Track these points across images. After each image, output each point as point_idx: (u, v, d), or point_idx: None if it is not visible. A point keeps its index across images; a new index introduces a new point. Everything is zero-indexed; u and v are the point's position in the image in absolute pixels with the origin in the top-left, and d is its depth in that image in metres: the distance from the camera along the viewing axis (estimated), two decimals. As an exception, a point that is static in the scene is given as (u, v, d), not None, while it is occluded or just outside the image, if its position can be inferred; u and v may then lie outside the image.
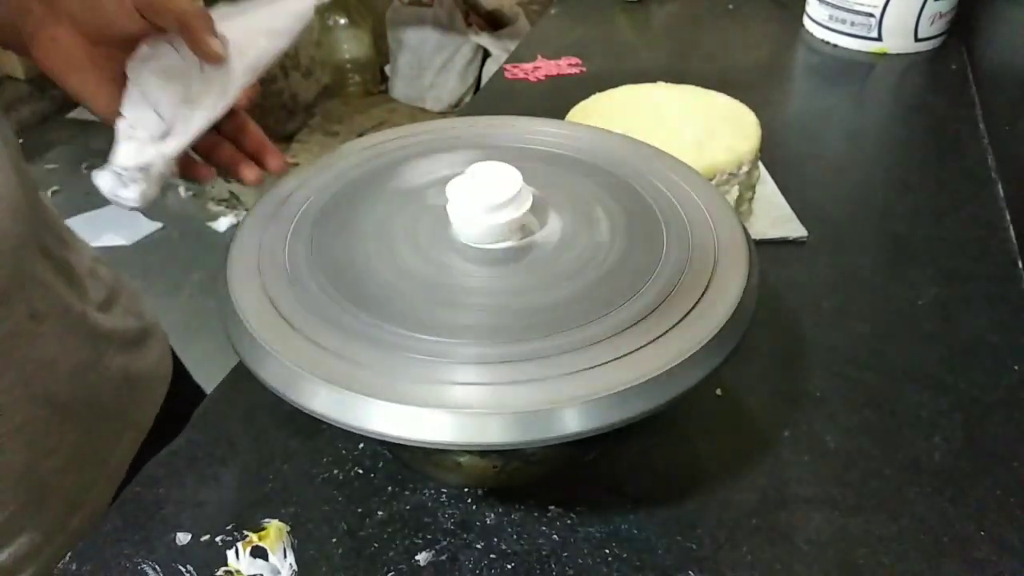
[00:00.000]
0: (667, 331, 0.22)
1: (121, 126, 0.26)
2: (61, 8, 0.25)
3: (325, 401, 0.21)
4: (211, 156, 0.29)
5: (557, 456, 0.27)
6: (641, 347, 0.21)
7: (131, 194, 0.25)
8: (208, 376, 0.39)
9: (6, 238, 0.26)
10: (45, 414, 0.29)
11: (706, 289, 0.24)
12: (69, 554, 0.26)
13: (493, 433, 0.20)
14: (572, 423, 0.20)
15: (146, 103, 0.26)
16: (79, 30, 0.25)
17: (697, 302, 0.23)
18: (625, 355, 0.21)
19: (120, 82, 0.26)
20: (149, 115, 0.25)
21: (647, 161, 0.31)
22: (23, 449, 0.28)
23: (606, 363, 0.21)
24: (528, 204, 0.26)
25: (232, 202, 1.37)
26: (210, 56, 0.25)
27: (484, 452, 0.25)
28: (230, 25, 0.26)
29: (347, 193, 0.29)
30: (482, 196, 0.25)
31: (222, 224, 1.33)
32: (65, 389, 0.30)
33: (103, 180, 0.25)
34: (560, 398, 0.20)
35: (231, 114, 0.28)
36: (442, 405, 0.20)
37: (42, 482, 0.29)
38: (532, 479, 0.27)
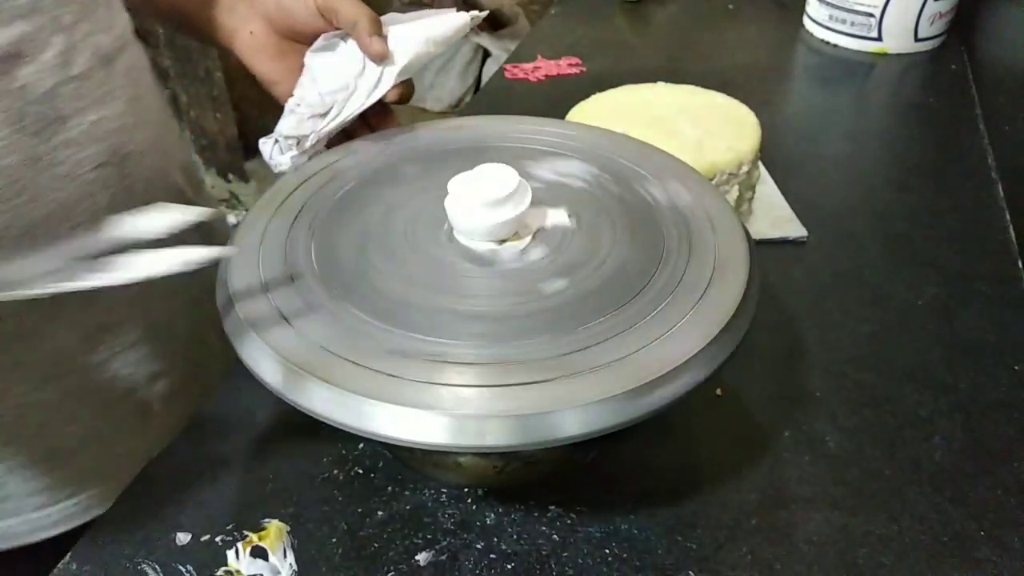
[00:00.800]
0: (667, 332, 0.22)
1: (289, 102, 0.31)
2: (259, 7, 0.32)
3: (324, 401, 0.21)
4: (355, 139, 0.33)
5: (557, 457, 0.27)
6: (641, 348, 0.21)
7: (284, 160, 0.30)
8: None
9: (139, 167, 0.30)
10: (158, 340, 0.32)
11: (706, 290, 0.24)
12: (69, 554, 0.26)
13: (493, 435, 0.20)
14: (572, 426, 0.20)
15: (313, 86, 0.31)
16: (271, 26, 0.32)
17: (697, 303, 0.23)
18: (625, 356, 0.21)
19: (299, 71, 0.32)
20: (313, 95, 0.31)
21: (647, 161, 0.31)
22: (131, 366, 0.31)
23: (606, 364, 0.21)
24: (527, 203, 0.26)
25: (232, 202, 1.37)
26: (373, 54, 0.31)
27: (484, 453, 0.25)
28: (395, 29, 0.31)
29: (347, 193, 0.29)
30: (481, 196, 0.25)
31: (222, 224, 1.33)
32: (177, 321, 0.33)
33: (265, 146, 0.30)
34: (560, 400, 0.20)
35: (380, 105, 0.32)
36: (442, 407, 0.20)
37: (147, 407, 0.33)
38: (532, 479, 0.27)
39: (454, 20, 0.31)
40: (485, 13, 0.36)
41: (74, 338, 0.29)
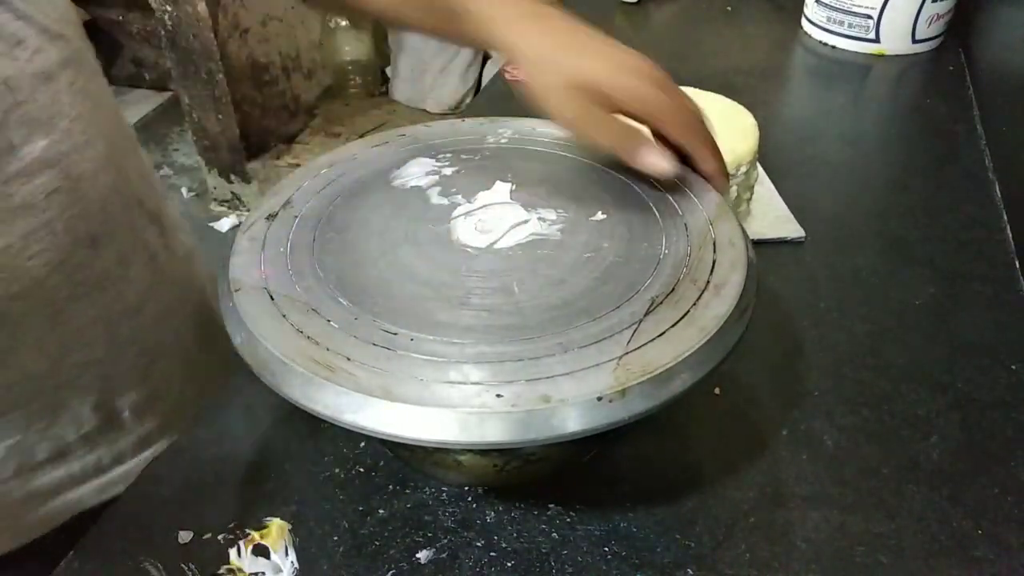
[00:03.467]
0: (665, 331, 0.22)
1: None
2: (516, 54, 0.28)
3: (326, 400, 0.21)
4: None
5: (557, 455, 0.27)
6: (640, 347, 0.22)
7: None
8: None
9: (94, 186, 0.29)
10: (130, 355, 0.31)
11: (704, 289, 0.24)
12: (72, 552, 0.26)
13: (493, 432, 0.20)
14: (572, 422, 0.20)
15: None
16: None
17: (695, 302, 0.23)
18: (624, 355, 0.21)
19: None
20: None
21: None
22: (97, 383, 0.30)
23: (605, 363, 0.21)
24: (524, 203, 0.26)
25: (234, 203, 1.37)
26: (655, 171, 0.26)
27: (484, 451, 0.25)
28: None
29: (348, 193, 0.29)
30: (480, 197, 0.25)
31: (224, 224, 1.33)
32: (150, 333, 0.32)
33: None
34: (560, 398, 0.20)
35: None
36: (442, 404, 0.20)
37: (117, 417, 0.31)
38: (532, 477, 0.28)
39: None
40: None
41: (42, 360, 0.28)
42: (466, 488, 0.28)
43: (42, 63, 0.26)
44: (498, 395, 0.20)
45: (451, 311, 0.24)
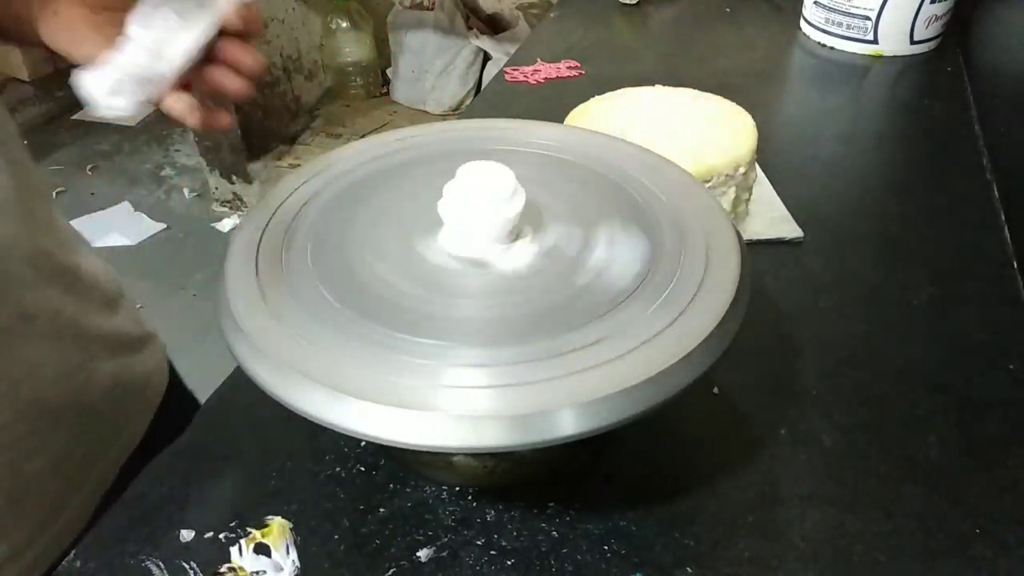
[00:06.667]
0: (658, 333, 0.22)
1: (130, 40, 0.25)
2: None
3: (319, 403, 0.21)
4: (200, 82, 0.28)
5: (548, 459, 0.27)
6: (633, 349, 0.22)
7: (120, 103, 0.24)
8: (211, 374, 0.39)
9: None
10: (31, 416, 0.29)
11: (698, 291, 0.24)
12: (73, 552, 0.26)
13: (486, 436, 0.20)
14: (565, 426, 0.20)
15: (149, 27, 0.25)
16: (80, 1, 0.26)
17: (689, 304, 0.23)
18: (617, 357, 0.21)
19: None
20: (152, 33, 0.25)
21: (641, 164, 0.31)
22: (5, 449, 0.28)
23: (598, 366, 0.21)
24: (521, 204, 0.26)
25: (235, 203, 1.38)
26: None
27: (477, 453, 0.25)
28: None
29: (345, 195, 0.30)
30: (477, 199, 0.25)
31: (226, 225, 1.33)
32: (52, 393, 0.30)
33: (95, 81, 0.24)
34: (553, 401, 0.20)
35: (226, 38, 0.26)
36: (436, 408, 0.20)
37: (24, 484, 0.29)
38: (524, 480, 0.28)
39: None
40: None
41: None
42: (467, 487, 0.28)
43: None
44: (491, 399, 0.20)
45: (445, 314, 0.24)
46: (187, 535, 0.26)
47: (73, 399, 0.31)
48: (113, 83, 0.24)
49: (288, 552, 0.26)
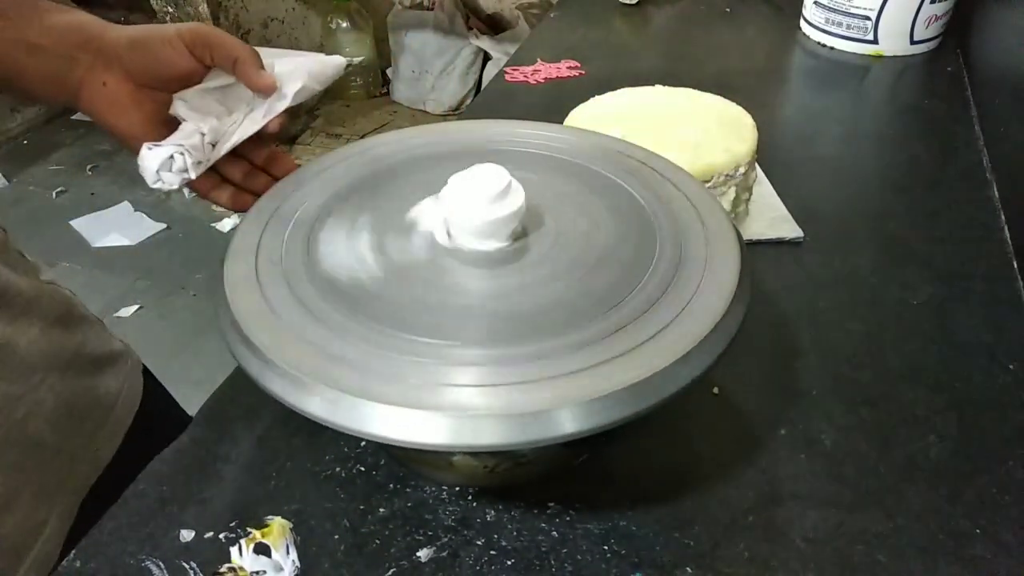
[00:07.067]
0: (657, 333, 0.22)
1: (187, 125, 0.28)
2: (111, 53, 0.27)
3: (319, 403, 0.21)
4: (230, 173, 0.31)
5: (547, 457, 0.27)
6: (632, 349, 0.22)
7: (173, 178, 0.27)
8: (211, 374, 0.39)
9: None
10: None
11: (697, 290, 0.24)
12: (73, 551, 0.26)
13: (486, 436, 0.20)
14: (564, 425, 0.20)
15: (204, 121, 0.28)
16: (127, 74, 0.27)
17: (688, 303, 0.23)
18: (616, 357, 0.21)
19: (162, 123, 0.28)
20: (206, 123, 0.28)
21: (641, 164, 0.31)
22: None
23: (598, 365, 0.21)
24: (521, 204, 0.26)
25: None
26: (262, 87, 0.28)
27: (476, 452, 0.25)
28: (276, 63, 0.30)
29: (345, 195, 0.30)
30: (477, 197, 0.25)
31: (226, 225, 1.33)
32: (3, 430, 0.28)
33: (153, 156, 0.27)
34: (553, 401, 0.20)
35: (260, 140, 0.30)
36: (435, 407, 0.20)
37: None
38: (523, 479, 0.28)
39: (330, 61, 0.31)
40: (360, 59, 0.36)
41: None
42: (467, 487, 0.28)
43: None
44: (490, 398, 0.20)
45: (445, 314, 0.24)
46: (187, 535, 0.26)
47: (15, 434, 0.29)
48: (165, 162, 0.27)
49: (288, 552, 0.26)
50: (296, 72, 0.30)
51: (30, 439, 0.30)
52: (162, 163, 0.27)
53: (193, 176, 0.27)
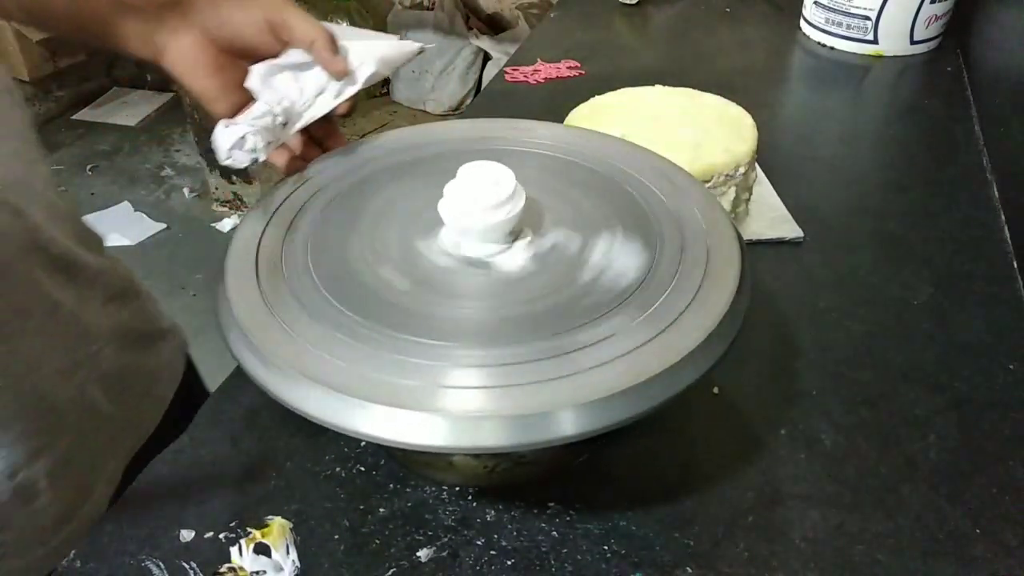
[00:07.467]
0: (659, 334, 0.22)
1: (259, 104, 0.29)
2: (196, 18, 0.29)
3: (319, 404, 0.21)
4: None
5: (547, 458, 0.27)
6: (633, 349, 0.22)
7: (243, 157, 0.28)
8: (212, 374, 0.39)
9: None
10: (32, 415, 0.29)
11: (697, 292, 0.24)
12: (73, 552, 0.26)
13: (486, 436, 0.20)
14: (565, 426, 0.20)
15: (275, 95, 0.29)
16: (210, 39, 0.29)
17: (688, 305, 0.23)
18: (616, 358, 0.21)
19: (238, 88, 0.29)
20: (278, 105, 0.29)
21: (641, 164, 0.31)
22: (7, 448, 0.28)
23: (598, 366, 0.21)
24: (521, 204, 0.26)
25: (236, 203, 1.38)
26: (335, 71, 0.30)
27: (476, 453, 0.25)
28: (351, 46, 0.30)
29: (345, 195, 0.30)
30: (477, 199, 0.25)
31: (226, 225, 1.33)
32: (53, 390, 0.30)
33: (227, 134, 0.28)
34: (553, 401, 0.20)
35: (328, 122, 0.31)
36: (436, 408, 0.20)
37: (29, 485, 0.29)
38: (523, 479, 0.28)
39: (404, 47, 0.32)
40: (432, 45, 0.37)
41: None
42: (467, 487, 0.28)
43: None
44: (490, 399, 0.20)
45: (445, 315, 0.24)
46: (187, 535, 0.26)
47: (75, 397, 0.31)
48: (238, 140, 0.28)
49: (288, 552, 0.26)
50: (369, 57, 0.30)
51: (88, 404, 0.32)
52: (235, 142, 0.27)
53: (263, 157, 0.28)
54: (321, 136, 0.32)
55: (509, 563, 0.25)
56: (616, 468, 0.29)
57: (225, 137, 0.27)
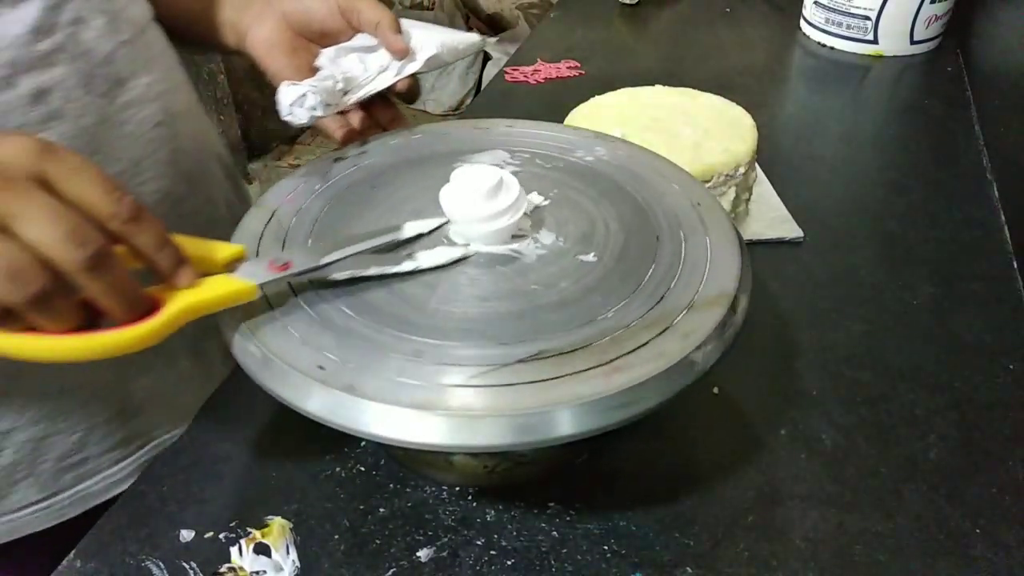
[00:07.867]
0: (658, 334, 0.22)
1: (322, 72, 0.31)
2: (277, 6, 0.33)
3: (318, 402, 0.21)
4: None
5: (547, 457, 0.27)
6: (632, 350, 0.22)
7: (303, 114, 0.30)
8: (212, 374, 0.39)
9: (187, 125, 0.33)
10: None
11: (698, 291, 0.24)
12: (73, 551, 0.26)
13: (486, 436, 0.20)
14: (565, 426, 0.20)
15: (338, 69, 0.32)
16: (288, 23, 0.33)
17: (688, 305, 0.23)
18: (616, 358, 0.21)
19: (310, 69, 0.32)
20: (341, 72, 0.31)
21: (641, 164, 0.31)
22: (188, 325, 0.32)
23: (598, 366, 0.21)
24: (523, 206, 0.26)
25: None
26: (395, 50, 0.32)
27: (475, 453, 0.25)
28: (414, 31, 0.33)
29: (345, 195, 0.30)
30: (475, 198, 0.25)
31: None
32: None
33: (289, 93, 0.30)
34: (553, 401, 0.20)
35: (386, 101, 0.35)
36: (435, 408, 0.20)
37: (205, 355, 0.34)
38: (523, 479, 0.28)
39: (468, 37, 0.34)
40: (495, 39, 0.38)
41: None
42: (467, 487, 0.28)
43: (135, 13, 0.31)
44: (490, 398, 0.20)
45: (445, 314, 0.24)
46: (187, 535, 0.26)
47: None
48: (299, 98, 0.30)
49: (288, 552, 0.26)
50: (430, 42, 0.32)
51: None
52: (296, 99, 0.29)
53: (320, 114, 0.30)
54: (381, 117, 0.35)
55: (509, 563, 0.25)
56: (616, 468, 0.29)
57: (287, 94, 0.29)
